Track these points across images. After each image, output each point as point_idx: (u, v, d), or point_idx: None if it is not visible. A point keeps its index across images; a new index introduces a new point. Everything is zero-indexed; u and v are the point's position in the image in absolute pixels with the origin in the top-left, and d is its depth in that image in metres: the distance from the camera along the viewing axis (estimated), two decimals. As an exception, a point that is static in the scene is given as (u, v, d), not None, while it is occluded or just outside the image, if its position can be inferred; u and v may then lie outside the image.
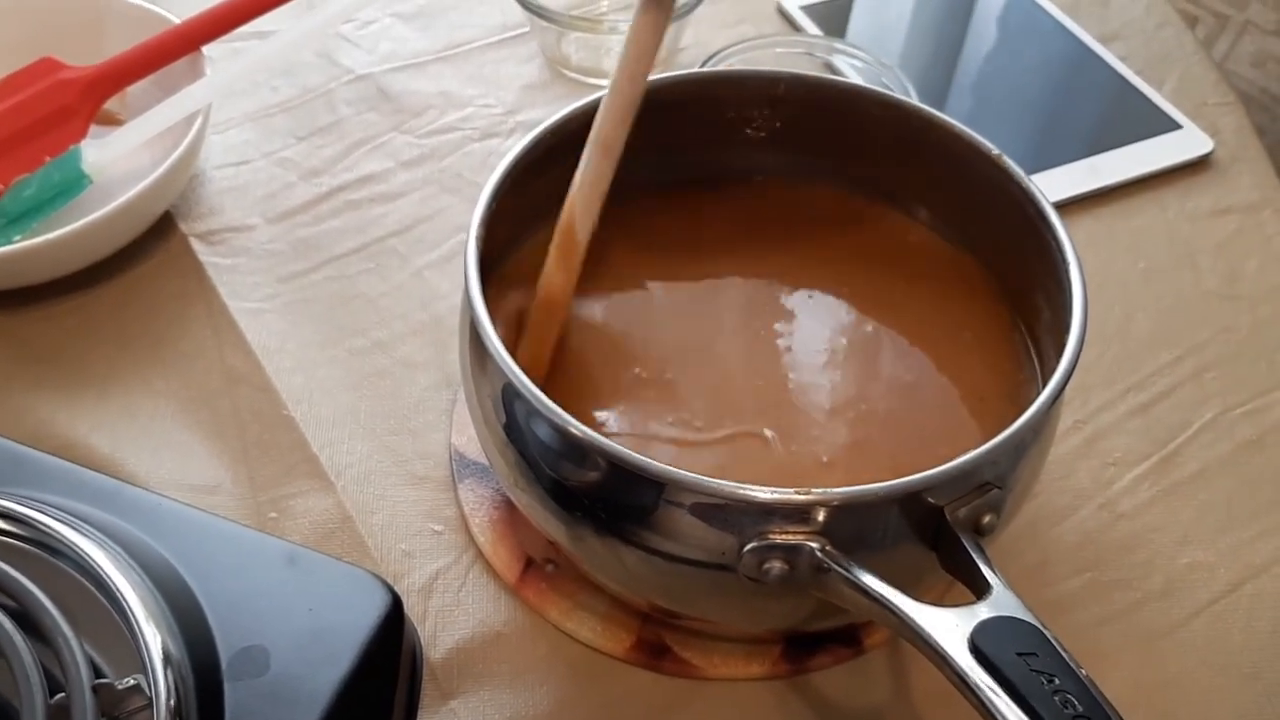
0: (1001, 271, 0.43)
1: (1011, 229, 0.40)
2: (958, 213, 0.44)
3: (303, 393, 0.48)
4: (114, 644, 0.33)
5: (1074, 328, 0.36)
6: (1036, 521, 0.45)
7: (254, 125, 0.60)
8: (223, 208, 0.56)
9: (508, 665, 0.41)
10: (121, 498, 0.38)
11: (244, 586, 0.35)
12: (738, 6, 0.68)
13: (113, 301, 0.51)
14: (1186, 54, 0.66)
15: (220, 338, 0.50)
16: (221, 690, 0.33)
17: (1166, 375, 0.51)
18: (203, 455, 0.46)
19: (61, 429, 0.46)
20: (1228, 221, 0.57)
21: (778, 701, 0.41)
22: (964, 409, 0.40)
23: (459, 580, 0.43)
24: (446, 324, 0.51)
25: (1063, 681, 0.28)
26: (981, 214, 0.42)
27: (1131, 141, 0.60)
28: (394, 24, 0.66)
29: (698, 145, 0.45)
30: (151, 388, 0.49)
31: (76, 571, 0.34)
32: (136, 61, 0.56)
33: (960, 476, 0.33)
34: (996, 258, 0.43)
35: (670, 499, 0.33)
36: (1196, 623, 0.43)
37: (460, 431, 0.47)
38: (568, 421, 0.33)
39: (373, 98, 0.61)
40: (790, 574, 0.33)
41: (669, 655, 0.41)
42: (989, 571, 0.31)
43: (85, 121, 0.55)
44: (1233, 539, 0.45)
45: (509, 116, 0.61)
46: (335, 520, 0.44)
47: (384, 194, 0.57)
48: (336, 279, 0.53)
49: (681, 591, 0.37)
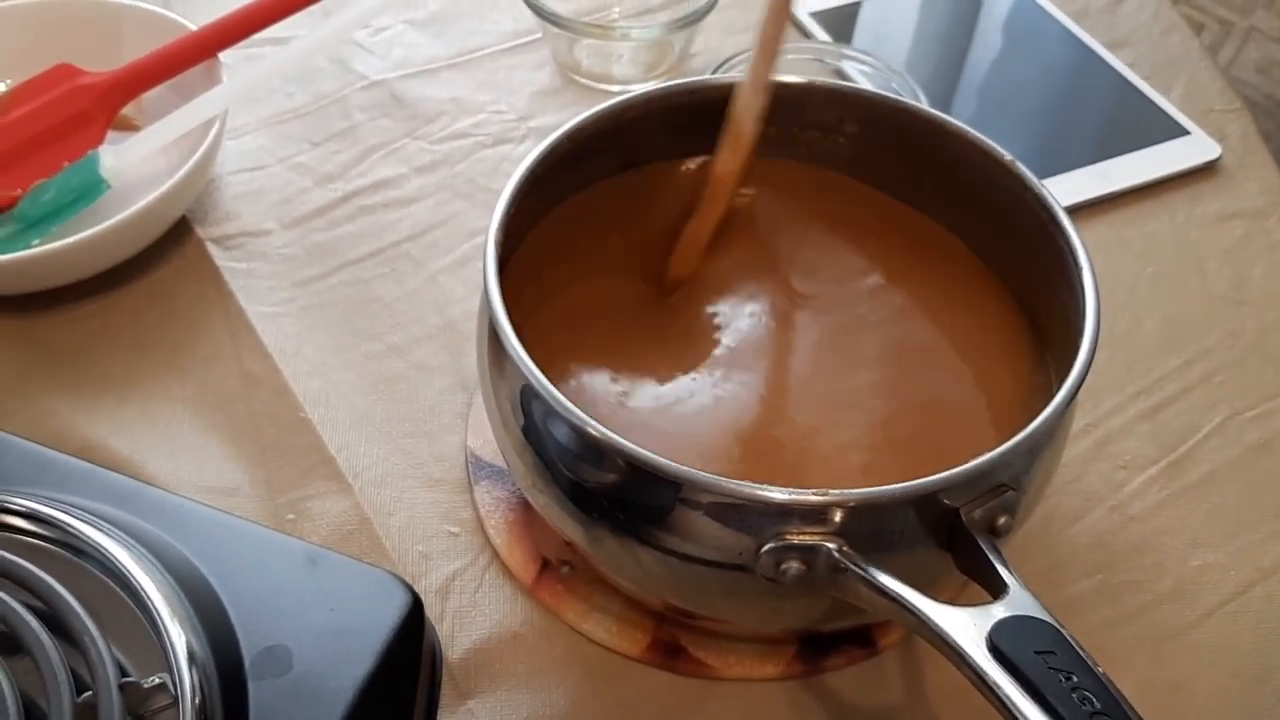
0: (1013, 275, 0.43)
1: (1024, 233, 0.40)
2: (970, 217, 0.44)
3: (319, 396, 0.49)
4: (138, 644, 0.33)
5: (1087, 331, 0.36)
6: (1048, 524, 0.45)
7: (268, 131, 0.60)
8: (238, 213, 0.56)
9: (524, 665, 0.41)
10: (143, 499, 0.38)
11: (266, 587, 0.36)
12: (747, 13, 0.68)
13: (131, 305, 0.52)
14: (1193, 60, 0.66)
15: (237, 342, 0.51)
16: (245, 689, 0.33)
17: (1175, 379, 0.51)
18: (220, 458, 0.47)
19: (81, 431, 0.47)
20: (1235, 227, 0.58)
21: (791, 702, 0.41)
22: (977, 411, 0.40)
23: (475, 581, 0.43)
24: (461, 328, 0.52)
25: (1081, 679, 0.28)
26: (994, 218, 0.42)
27: (1139, 147, 0.60)
28: (407, 31, 0.66)
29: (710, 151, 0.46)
30: (170, 391, 0.49)
31: (101, 572, 0.34)
32: (153, 67, 0.56)
33: (976, 478, 0.33)
34: (1009, 261, 0.43)
35: (687, 499, 0.34)
36: (1207, 624, 0.43)
37: (476, 434, 0.47)
38: (586, 422, 0.34)
39: (386, 104, 0.62)
40: (807, 574, 0.33)
41: (684, 656, 0.41)
42: (1005, 572, 0.32)
43: (103, 127, 0.56)
44: (1242, 541, 0.46)
45: (521, 122, 0.62)
46: (353, 522, 0.45)
47: (398, 199, 0.57)
48: (351, 283, 0.54)
49: (698, 592, 0.37)
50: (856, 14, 0.69)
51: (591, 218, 0.45)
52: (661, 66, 0.64)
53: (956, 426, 0.40)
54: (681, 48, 0.64)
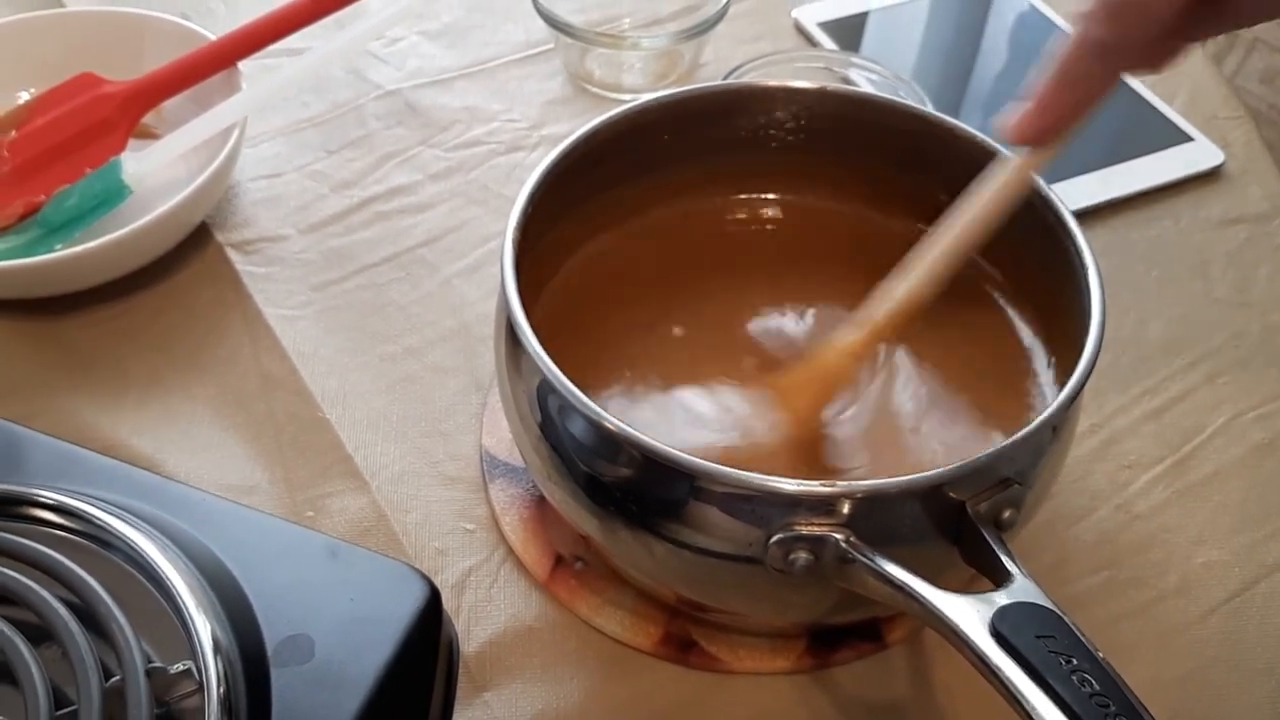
0: (1020, 276, 0.44)
1: (1031, 236, 0.41)
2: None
3: (337, 396, 0.50)
4: (164, 632, 0.34)
5: (1093, 329, 0.37)
6: (1054, 521, 0.46)
7: (285, 139, 0.62)
8: (257, 218, 0.57)
9: (539, 659, 0.42)
10: (167, 494, 0.39)
11: (287, 578, 0.36)
12: (756, 23, 0.69)
13: (152, 308, 0.53)
14: (1197, 69, 0.67)
15: (256, 344, 0.52)
16: (268, 676, 0.34)
17: (1179, 380, 0.52)
18: (240, 456, 0.48)
19: (104, 431, 0.48)
20: (1238, 231, 0.58)
21: (801, 695, 0.42)
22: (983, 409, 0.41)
23: (491, 577, 0.44)
24: (474, 331, 0.53)
25: (1080, 662, 0.29)
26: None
27: (1144, 153, 0.61)
28: (421, 41, 0.67)
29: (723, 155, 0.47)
30: (190, 392, 0.50)
31: (127, 563, 0.35)
32: (173, 77, 0.57)
33: (981, 471, 0.34)
34: (1015, 263, 0.44)
35: (700, 491, 0.34)
36: (1212, 620, 0.44)
37: (490, 434, 0.48)
38: (602, 416, 0.34)
39: (401, 112, 0.63)
40: (815, 564, 0.34)
41: (695, 649, 0.42)
42: (1009, 561, 0.33)
43: (124, 134, 0.57)
44: (1246, 539, 0.46)
45: (533, 131, 0.63)
46: (371, 519, 0.46)
47: (413, 205, 0.58)
48: (368, 287, 0.55)
49: (710, 583, 0.38)
50: (864, 24, 0.70)
51: (607, 220, 0.46)
52: (671, 76, 0.65)
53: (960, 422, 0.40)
54: (691, 57, 0.65)
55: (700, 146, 0.46)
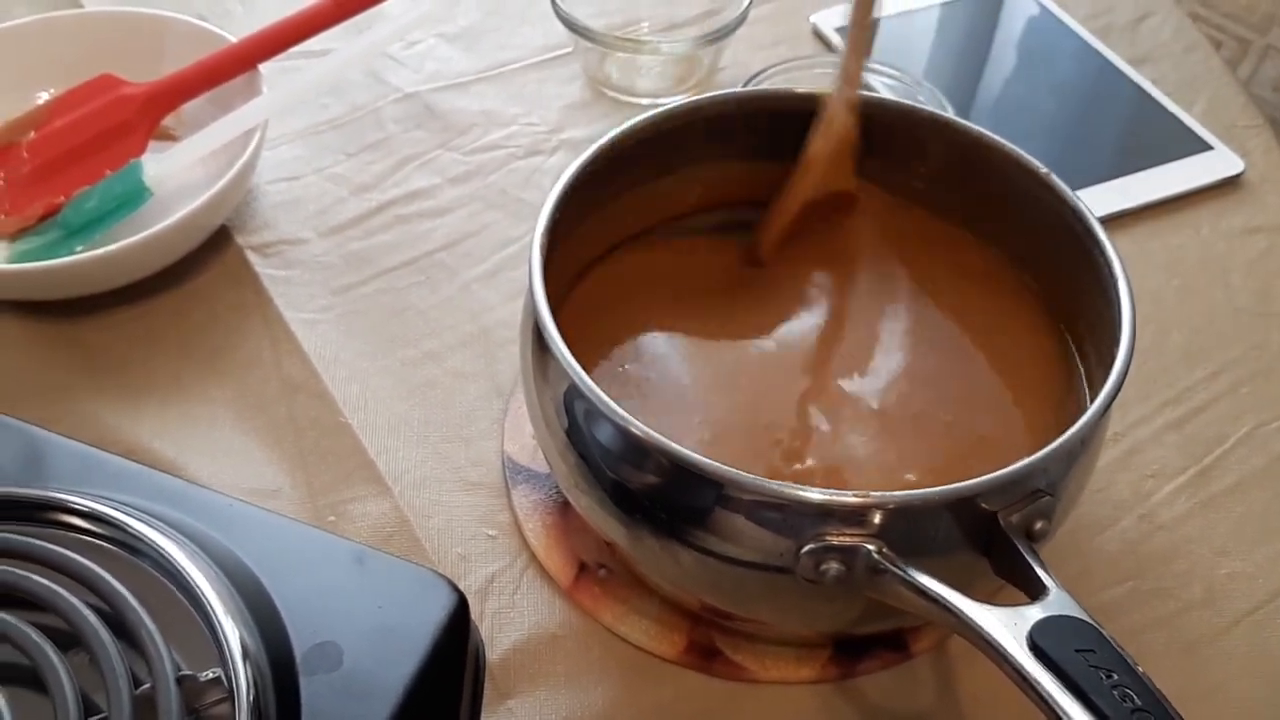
0: (1048, 285, 0.44)
1: (1059, 245, 0.41)
2: (1006, 227, 0.45)
3: (358, 401, 0.50)
4: (192, 640, 0.34)
5: (1123, 340, 0.37)
6: (1077, 531, 0.46)
7: (304, 142, 0.61)
8: (276, 221, 0.57)
9: (563, 667, 0.42)
10: (192, 499, 0.39)
11: (314, 584, 0.36)
12: (774, 29, 0.69)
13: (173, 311, 0.53)
14: (1215, 77, 0.67)
15: (277, 347, 0.51)
16: (297, 684, 0.34)
17: (1202, 390, 0.51)
18: (261, 461, 0.48)
19: (125, 435, 0.48)
20: (1259, 240, 0.58)
21: (825, 705, 0.42)
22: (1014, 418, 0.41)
23: (514, 584, 0.44)
24: (495, 336, 0.53)
25: (1121, 677, 0.29)
26: (1029, 229, 0.43)
27: (1164, 162, 0.61)
28: (439, 45, 0.67)
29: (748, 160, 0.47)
30: (211, 395, 0.50)
31: (156, 570, 0.35)
32: (194, 78, 0.57)
33: (1013, 483, 0.34)
34: (1043, 272, 0.44)
35: (729, 500, 0.34)
36: (1237, 631, 0.44)
37: (512, 439, 0.48)
38: (629, 422, 0.34)
39: (420, 115, 0.63)
40: (847, 575, 0.34)
41: (720, 658, 0.42)
42: (1044, 574, 0.32)
43: (144, 137, 0.57)
44: (1270, 550, 0.46)
45: (552, 135, 0.62)
46: (393, 524, 0.45)
47: (432, 209, 0.58)
48: (388, 291, 0.54)
49: (738, 592, 0.38)
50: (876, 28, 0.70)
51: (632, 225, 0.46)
52: (690, 80, 0.65)
53: (992, 433, 0.40)
54: (710, 62, 0.65)
55: (726, 152, 0.46)
